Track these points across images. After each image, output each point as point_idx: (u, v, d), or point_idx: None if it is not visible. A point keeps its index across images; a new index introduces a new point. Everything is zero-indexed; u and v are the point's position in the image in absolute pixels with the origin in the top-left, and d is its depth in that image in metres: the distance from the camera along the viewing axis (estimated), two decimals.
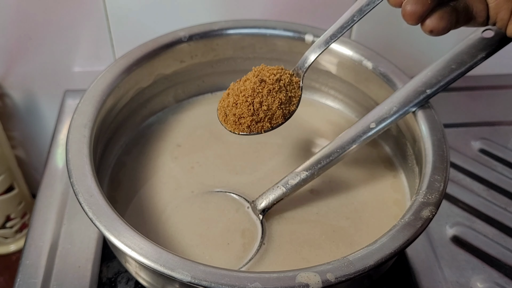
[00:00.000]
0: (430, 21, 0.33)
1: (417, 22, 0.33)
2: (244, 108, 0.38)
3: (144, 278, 0.39)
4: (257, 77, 0.39)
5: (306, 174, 0.41)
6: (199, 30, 0.50)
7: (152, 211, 0.44)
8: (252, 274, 0.32)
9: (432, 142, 0.40)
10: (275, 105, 0.38)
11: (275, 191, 0.42)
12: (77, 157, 0.38)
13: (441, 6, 0.33)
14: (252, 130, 0.38)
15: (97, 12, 0.60)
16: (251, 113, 0.38)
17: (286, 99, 0.39)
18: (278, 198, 0.42)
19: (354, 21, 0.37)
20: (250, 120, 0.38)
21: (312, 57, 0.40)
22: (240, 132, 0.39)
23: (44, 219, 0.49)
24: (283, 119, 0.39)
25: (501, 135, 0.62)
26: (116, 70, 0.45)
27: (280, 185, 0.42)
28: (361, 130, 0.42)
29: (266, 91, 0.38)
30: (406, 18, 0.33)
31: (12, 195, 0.71)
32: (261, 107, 0.38)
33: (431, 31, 0.33)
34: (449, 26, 0.33)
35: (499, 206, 0.54)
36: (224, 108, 0.39)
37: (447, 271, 0.47)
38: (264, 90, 0.38)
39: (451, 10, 0.33)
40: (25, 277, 0.44)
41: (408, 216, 0.35)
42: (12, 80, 0.67)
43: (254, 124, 0.38)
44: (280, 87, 0.39)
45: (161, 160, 0.48)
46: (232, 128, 0.39)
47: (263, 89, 0.38)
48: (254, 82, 0.38)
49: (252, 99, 0.38)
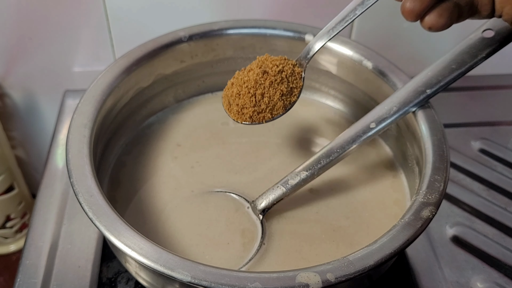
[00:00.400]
0: (429, 18, 0.33)
1: (416, 19, 0.33)
2: (246, 99, 0.39)
3: (144, 278, 0.39)
4: (260, 68, 0.40)
5: (306, 174, 0.42)
6: (199, 30, 0.50)
7: (152, 211, 0.44)
8: (252, 274, 0.32)
9: (432, 142, 0.40)
10: (276, 96, 0.39)
11: (275, 191, 0.42)
12: (77, 157, 0.38)
13: (443, 1, 0.32)
14: (254, 120, 0.40)
15: (97, 12, 0.60)
16: (253, 104, 0.39)
17: (287, 90, 0.40)
18: (278, 198, 0.42)
19: (356, 14, 0.38)
20: (252, 111, 0.39)
21: (316, 46, 0.40)
22: (243, 122, 0.40)
23: (44, 219, 0.49)
24: (284, 110, 0.40)
25: (501, 135, 0.62)
26: (116, 70, 0.45)
27: (280, 185, 0.42)
28: (361, 130, 0.42)
29: (268, 83, 0.39)
30: (405, 15, 0.33)
31: (12, 195, 0.71)
32: (262, 98, 0.39)
33: (429, 27, 0.33)
34: (449, 22, 0.33)
35: (499, 206, 0.54)
36: (228, 97, 0.41)
37: (447, 271, 0.47)
38: (266, 82, 0.39)
39: (452, 6, 0.32)
40: (25, 277, 0.44)
41: (408, 216, 0.35)
42: (12, 80, 0.67)
43: (256, 115, 0.40)
44: (282, 78, 0.40)
45: (161, 160, 0.48)
46: (236, 117, 0.41)
47: (265, 80, 0.39)
48: (257, 73, 0.39)
49: (255, 90, 0.39)
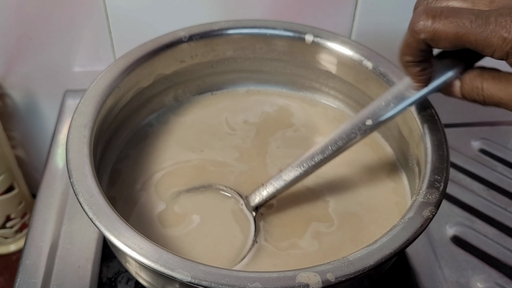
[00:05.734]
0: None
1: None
2: None
3: (144, 278, 0.39)
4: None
5: (300, 171, 0.41)
6: (199, 30, 0.50)
7: (150, 209, 0.44)
8: (252, 274, 0.32)
9: (432, 142, 0.40)
10: None
11: (268, 187, 0.41)
12: (77, 157, 0.38)
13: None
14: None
15: (97, 12, 0.60)
16: None
17: None
18: (271, 195, 0.41)
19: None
20: None
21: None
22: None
23: (44, 219, 0.49)
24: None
25: (501, 135, 0.62)
26: (116, 70, 0.45)
27: (272, 181, 0.41)
28: (356, 125, 0.40)
29: None
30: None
31: (12, 195, 0.71)
32: None
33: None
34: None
35: (499, 206, 0.54)
36: None
37: (447, 271, 0.47)
38: None
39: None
40: (25, 277, 0.44)
41: (408, 216, 0.35)
42: (12, 80, 0.67)
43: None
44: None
45: (161, 160, 0.48)
46: None
47: None
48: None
49: None
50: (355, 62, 0.49)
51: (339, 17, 0.62)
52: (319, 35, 0.49)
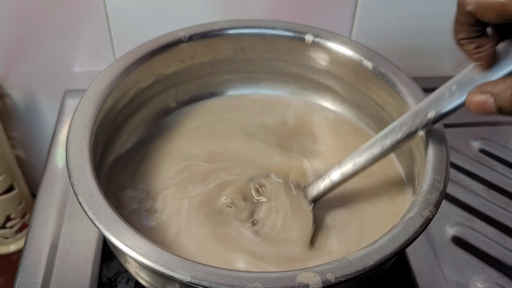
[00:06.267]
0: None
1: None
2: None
3: (144, 278, 0.39)
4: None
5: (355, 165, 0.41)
6: (199, 30, 0.50)
7: (152, 209, 0.44)
8: (252, 274, 0.32)
9: (432, 142, 0.40)
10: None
11: (325, 181, 0.42)
12: (77, 157, 0.38)
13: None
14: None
15: (97, 12, 0.60)
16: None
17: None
18: (328, 189, 0.42)
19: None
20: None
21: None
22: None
23: (44, 219, 0.49)
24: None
25: (501, 135, 0.62)
26: (116, 70, 0.45)
27: (331, 173, 0.42)
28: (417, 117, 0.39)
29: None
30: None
31: (12, 195, 0.71)
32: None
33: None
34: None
35: (499, 206, 0.54)
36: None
37: (447, 271, 0.47)
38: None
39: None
40: (25, 277, 0.44)
41: (408, 216, 0.35)
42: (12, 80, 0.67)
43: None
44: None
45: (161, 159, 0.48)
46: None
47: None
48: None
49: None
50: (355, 62, 0.49)
51: (339, 17, 0.62)
52: (319, 35, 0.49)
